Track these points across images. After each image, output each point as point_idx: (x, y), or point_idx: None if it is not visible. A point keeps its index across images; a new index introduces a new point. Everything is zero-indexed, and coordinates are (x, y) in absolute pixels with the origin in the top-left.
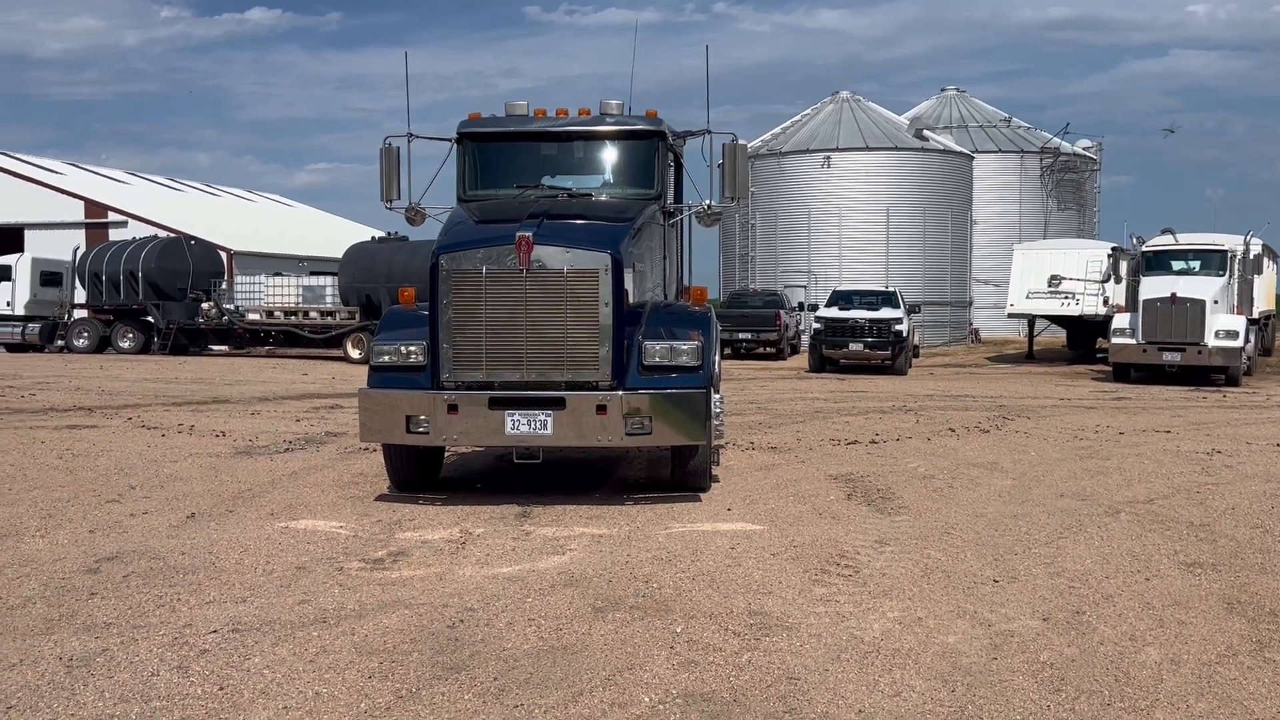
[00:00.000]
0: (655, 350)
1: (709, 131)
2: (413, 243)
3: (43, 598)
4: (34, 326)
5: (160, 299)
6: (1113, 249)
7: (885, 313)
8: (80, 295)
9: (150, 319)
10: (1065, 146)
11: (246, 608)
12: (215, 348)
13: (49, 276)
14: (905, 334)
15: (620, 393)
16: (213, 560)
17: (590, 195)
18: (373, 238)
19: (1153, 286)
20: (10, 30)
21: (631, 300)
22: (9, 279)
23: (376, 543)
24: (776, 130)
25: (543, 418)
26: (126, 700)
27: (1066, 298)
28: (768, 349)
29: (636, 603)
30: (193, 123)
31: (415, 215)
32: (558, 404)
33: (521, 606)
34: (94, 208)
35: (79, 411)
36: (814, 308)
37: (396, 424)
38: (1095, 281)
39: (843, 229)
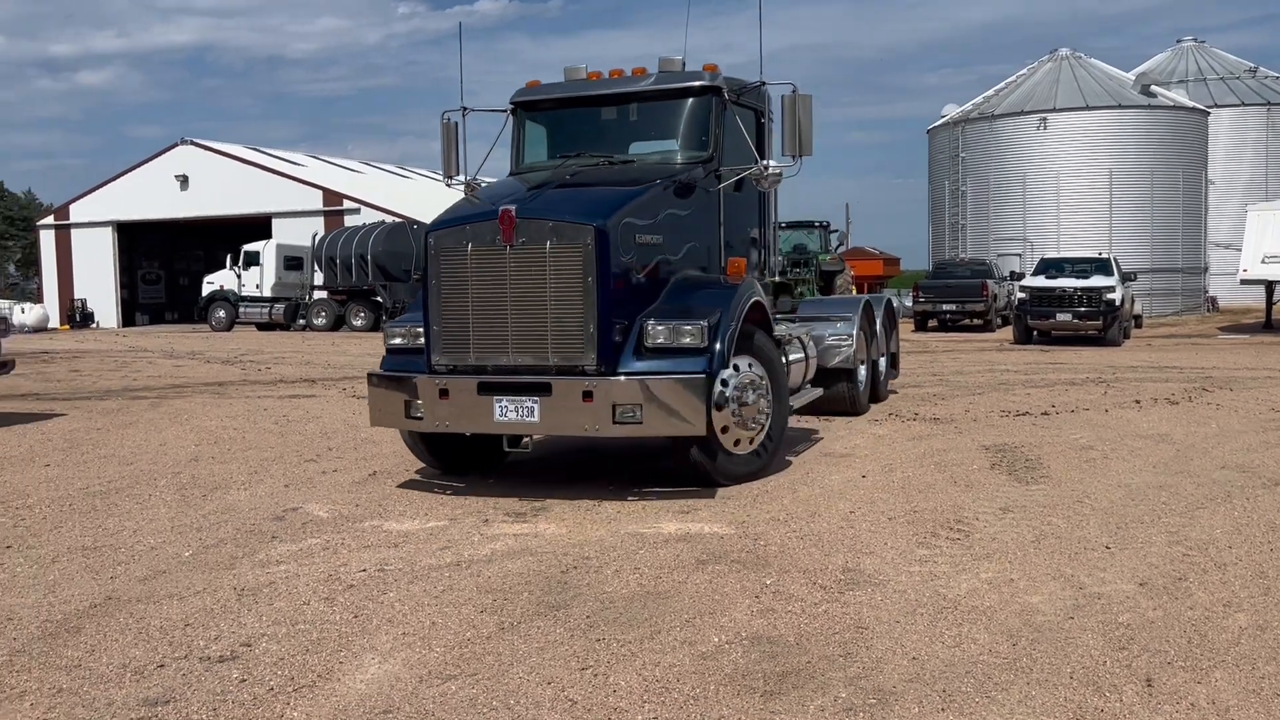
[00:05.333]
0: (657, 331)
1: (763, 83)
2: None
3: (233, 539)
4: (279, 307)
5: (387, 280)
6: None
7: (1096, 280)
8: (318, 278)
9: (379, 299)
10: None
11: (396, 552)
12: None
13: (291, 261)
14: (1119, 303)
15: (608, 378)
16: (380, 510)
17: (633, 161)
18: None
19: None
20: (265, 34)
21: (642, 275)
22: (257, 264)
23: (523, 500)
24: (989, 93)
25: (529, 404)
26: (277, 623)
27: None
28: (974, 320)
29: (739, 557)
30: (428, 112)
31: (471, 192)
32: (544, 390)
33: (632, 558)
34: (331, 196)
35: (303, 383)
36: (1022, 276)
37: (397, 409)
38: None
39: (1060, 194)
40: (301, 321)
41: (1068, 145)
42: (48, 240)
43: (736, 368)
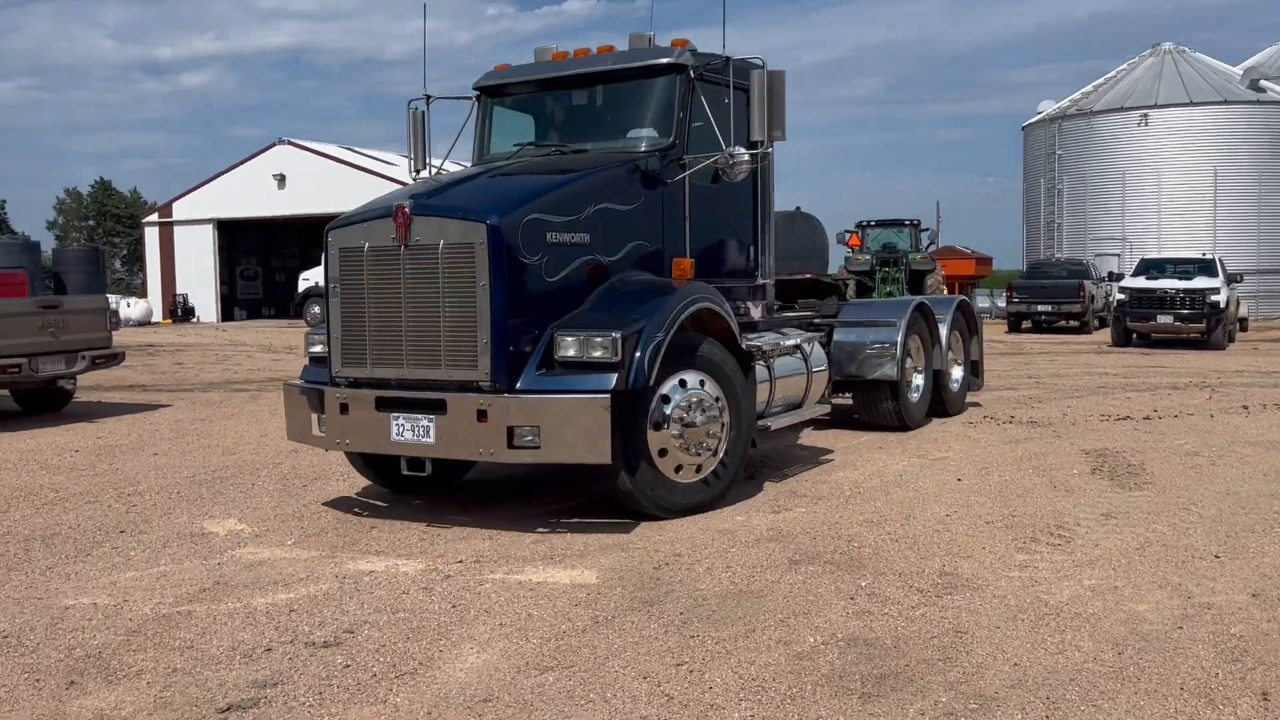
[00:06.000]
0: (566, 342)
1: (728, 59)
2: None
3: (333, 528)
4: None
5: None
6: None
7: (1200, 282)
8: None
9: None
10: None
11: (492, 544)
12: None
13: None
14: (1223, 305)
15: (503, 396)
16: (478, 503)
17: (587, 150)
18: None
19: None
20: (362, 36)
21: (561, 278)
22: None
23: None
24: (1087, 88)
25: (425, 423)
26: (378, 611)
27: None
28: (1070, 322)
29: (832, 558)
30: None
31: None
32: (440, 407)
33: (724, 555)
34: None
35: None
36: (1121, 277)
37: (305, 423)
38: None
39: (1162, 192)
40: None
41: (1170, 142)
42: (152, 237)
43: (683, 383)
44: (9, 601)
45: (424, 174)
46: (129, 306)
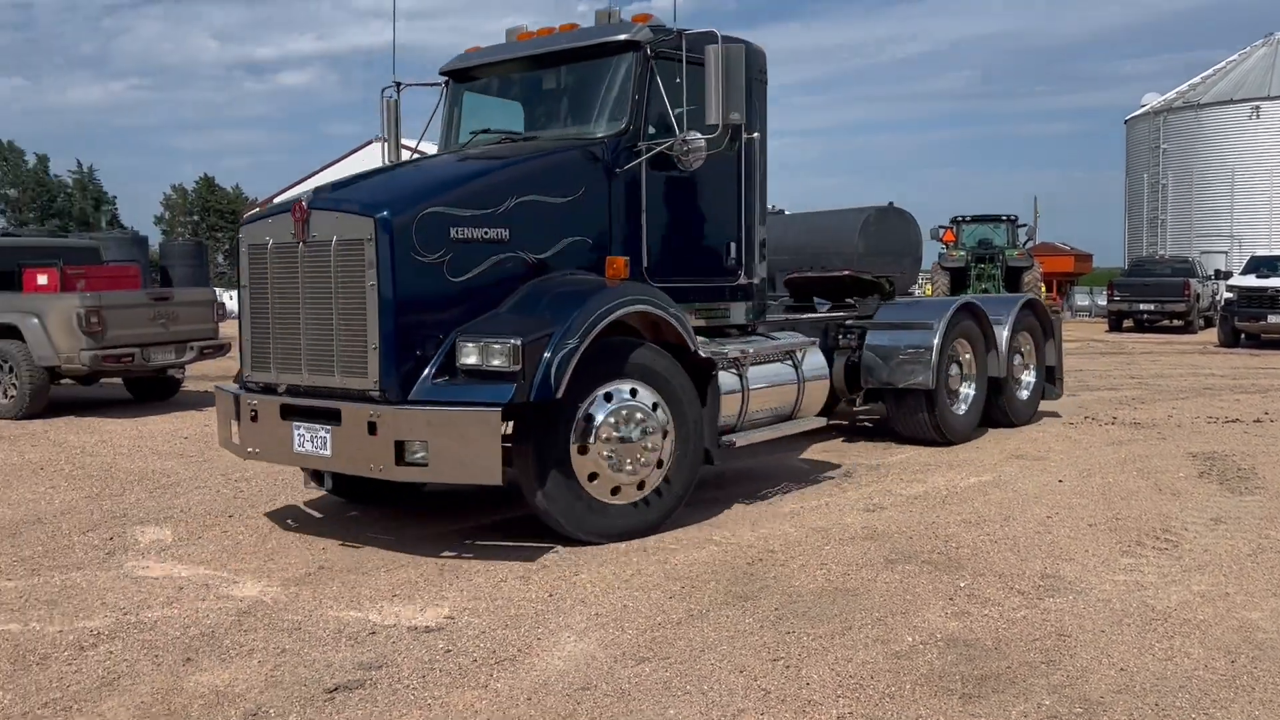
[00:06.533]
0: (467, 349)
1: (680, 33)
2: (788, 215)
3: (435, 516)
4: None
5: None
6: None
7: None
8: None
9: None
10: None
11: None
12: None
13: None
14: None
15: (392, 407)
16: None
17: (535, 138)
18: None
19: None
20: (453, 34)
21: (471, 278)
22: None
23: (706, 490)
24: (1194, 80)
25: (323, 434)
26: (478, 598)
27: None
28: (1174, 321)
29: (930, 558)
30: None
31: None
32: (335, 417)
33: (818, 553)
34: None
35: None
36: (1229, 275)
37: (227, 429)
38: None
39: (1274, 187)
40: None
41: None
42: None
43: (609, 396)
44: (128, 581)
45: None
46: (231, 299)
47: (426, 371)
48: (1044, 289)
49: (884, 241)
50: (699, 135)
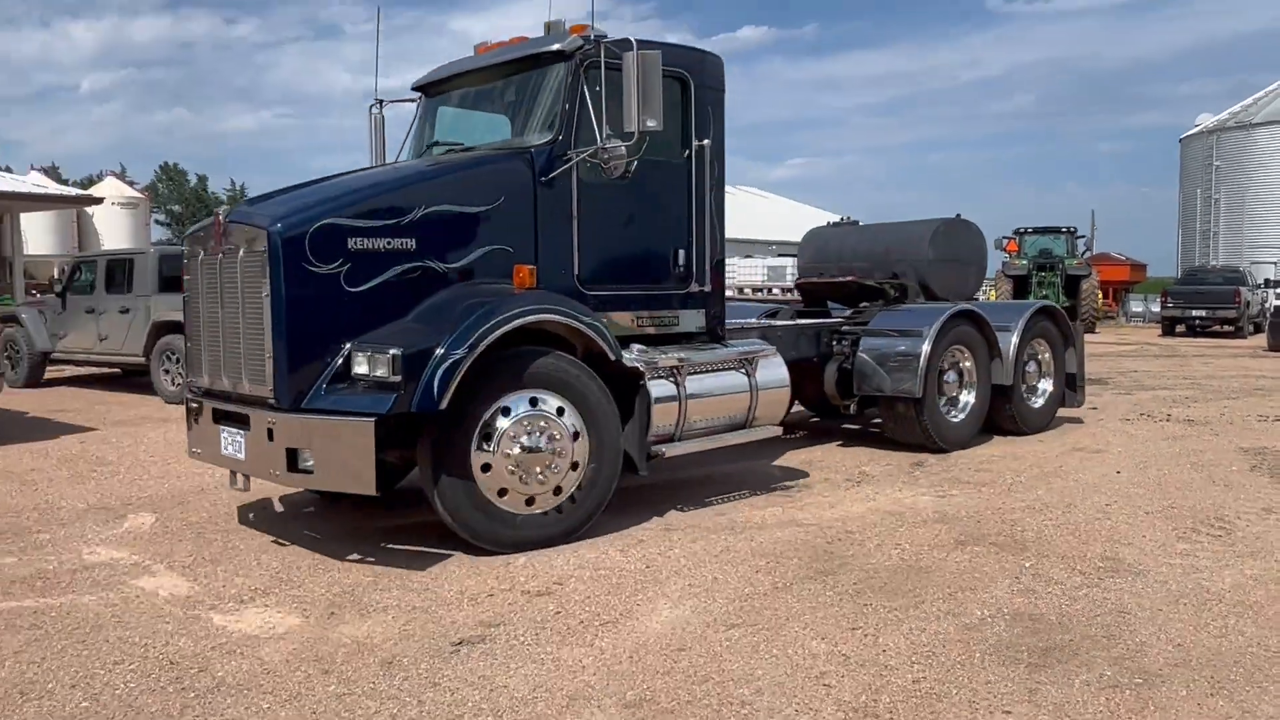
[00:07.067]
0: (359, 358)
1: (600, 39)
2: (862, 226)
3: None
4: None
5: None
6: None
7: None
8: None
9: None
10: None
11: (681, 515)
12: None
13: None
14: None
15: (285, 415)
16: (671, 480)
17: (475, 149)
18: (829, 223)
19: None
20: None
21: (370, 287)
22: None
23: (789, 477)
24: (1246, 101)
25: (239, 438)
26: (582, 568)
27: None
28: (1224, 327)
29: (996, 540)
30: None
31: None
32: (245, 422)
33: (893, 534)
34: None
35: None
36: (1277, 284)
37: (185, 431)
38: None
39: None
40: None
41: None
42: None
43: (506, 410)
44: (280, 546)
45: None
46: None
47: (321, 379)
48: (1100, 296)
49: (951, 250)
50: (619, 143)
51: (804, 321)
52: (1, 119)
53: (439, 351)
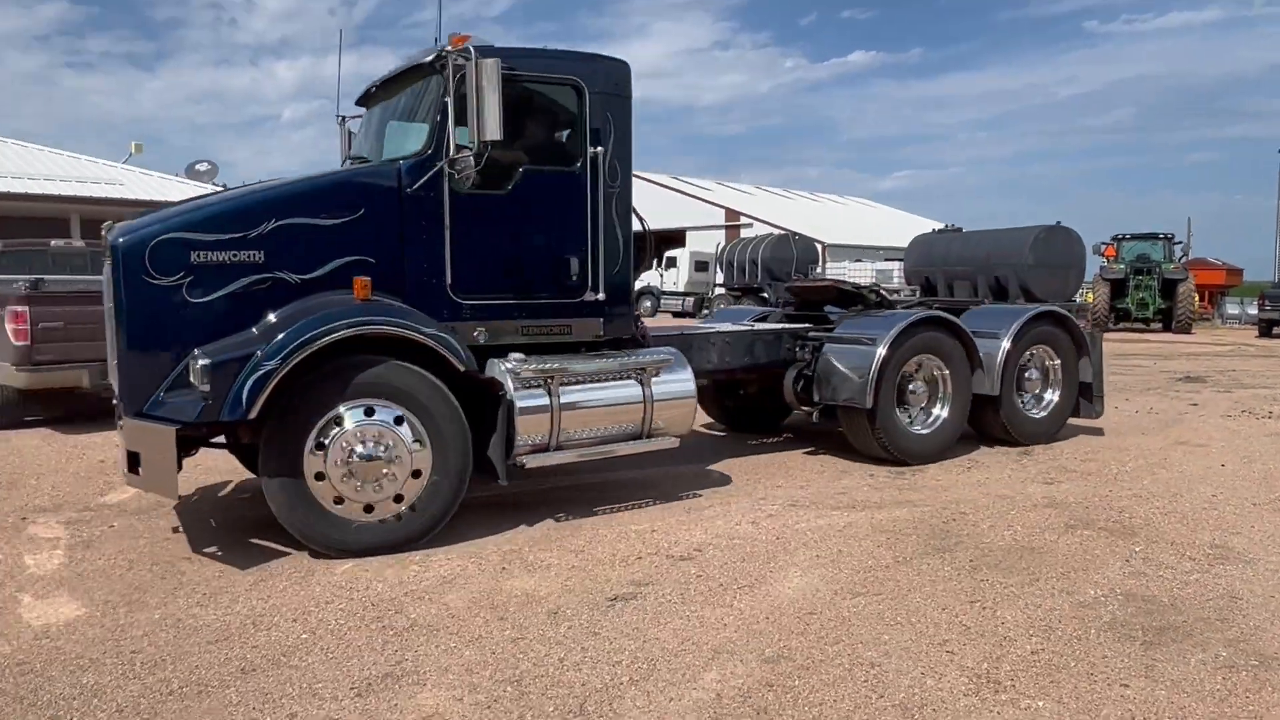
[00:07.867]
0: (193, 368)
1: (446, 52)
2: (966, 233)
3: (673, 474)
4: (690, 300)
5: (772, 279)
6: None
7: None
8: (719, 277)
9: (765, 294)
10: None
11: (804, 492)
12: None
13: (700, 264)
14: None
15: (125, 420)
16: (788, 458)
17: (369, 160)
18: (933, 229)
19: None
20: (683, 89)
21: (215, 298)
22: (675, 266)
23: (898, 463)
24: None
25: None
26: (718, 537)
27: None
28: None
29: (1105, 525)
30: (806, 145)
31: None
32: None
33: (1005, 516)
34: (730, 213)
35: None
36: None
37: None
38: None
39: None
40: (706, 311)
41: None
42: None
43: (339, 419)
44: (459, 517)
45: None
46: None
47: (161, 386)
48: (1196, 299)
49: (1051, 255)
50: (467, 153)
51: (761, 326)
52: (219, 142)
53: (253, 361)
